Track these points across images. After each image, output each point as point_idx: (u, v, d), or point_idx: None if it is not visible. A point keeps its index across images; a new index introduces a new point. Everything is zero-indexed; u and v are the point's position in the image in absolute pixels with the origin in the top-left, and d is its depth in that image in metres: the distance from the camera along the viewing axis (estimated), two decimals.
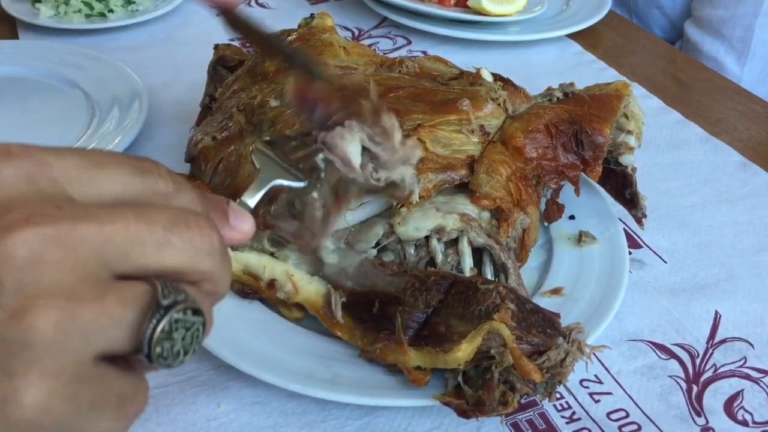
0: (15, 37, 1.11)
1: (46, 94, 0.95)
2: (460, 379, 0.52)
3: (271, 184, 0.42)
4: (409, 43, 1.14)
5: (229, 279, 0.34)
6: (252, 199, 0.40)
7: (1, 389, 0.28)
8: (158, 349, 0.30)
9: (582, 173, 0.68)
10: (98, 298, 0.29)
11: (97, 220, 0.29)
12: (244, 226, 0.36)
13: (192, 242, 0.31)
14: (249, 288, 0.62)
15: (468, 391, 0.52)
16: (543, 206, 0.70)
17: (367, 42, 1.13)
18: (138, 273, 0.31)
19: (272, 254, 0.62)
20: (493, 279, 0.59)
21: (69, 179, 0.31)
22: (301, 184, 0.44)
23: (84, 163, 0.31)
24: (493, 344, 0.51)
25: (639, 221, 0.74)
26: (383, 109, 0.45)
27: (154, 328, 0.30)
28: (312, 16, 0.85)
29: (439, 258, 0.59)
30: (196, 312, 0.31)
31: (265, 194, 0.41)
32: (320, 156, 0.45)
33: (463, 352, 0.51)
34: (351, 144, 0.44)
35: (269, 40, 0.54)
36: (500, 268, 0.59)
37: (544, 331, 0.52)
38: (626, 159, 0.72)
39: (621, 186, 0.74)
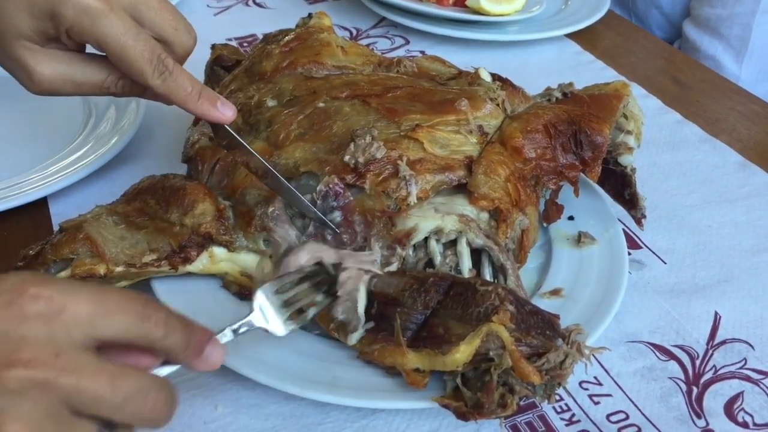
0: None
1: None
2: (458, 381, 0.52)
3: (257, 327, 0.52)
4: (408, 42, 1.14)
5: None
6: (240, 330, 0.51)
7: None
8: None
9: (581, 174, 0.68)
10: None
11: (77, 374, 0.38)
12: (213, 359, 0.45)
13: (141, 413, 0.40)
14: (247, 290, 0.62)
15: (467, 394, 0.51)
16: (542, 207, 0.70)
17: (365, 42, 1.12)
18: (93, 417, 0.39)
19: (270, 256, 0.61)
20: (491, 280, 0.59)
21: (76, 323, 0.39)
22: (280, 334, 0.54)
23: (93, 310, 0.39)
24: (492, 346, 0.50)
25: (638, 222, 0.73)
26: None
27: None
28: (310, 15, 0.85)
29: (438, 259, 0.59)
30: None
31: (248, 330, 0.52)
32: (312, 311, 0.55)
33: (462, 354, 0.51)
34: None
35: (263, 165, 0.60)
36: (499, 270, 0.59)
37: (543, 332, 0.52)
38: (625, 159, 0.72)
39: (620, 186, 0.73)
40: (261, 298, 0.53)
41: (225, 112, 0.58)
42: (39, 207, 0.76)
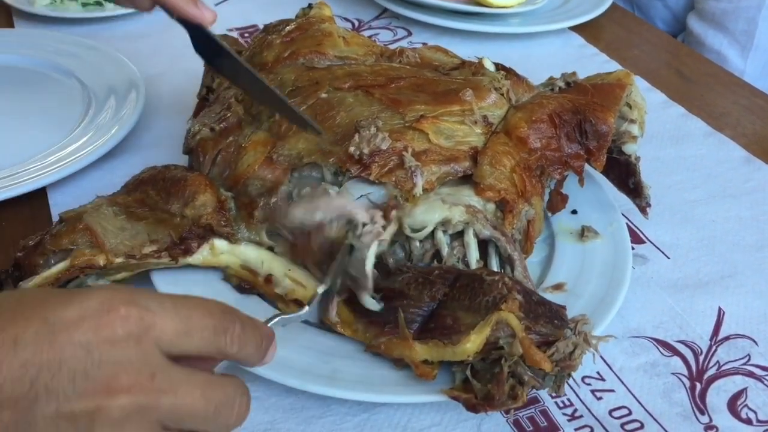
0: (11, 25, 1.09)
1: (41, 84, 0.94)
2: (468, 372, 0.52)
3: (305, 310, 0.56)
4: (410, 34, 1.13)
5: None
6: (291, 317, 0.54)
7: None
8: None
9: (586, 163, 0.67)
10: None
11: (174, 393, 0.38)
12: (269, 359, 0.45)
13: (229, 421, 0.41)
14: (247, 283, 0.61)
15: (477, 386, 0.51)
16: (546, 197, 0.69)
17: (367, 33, 1.12)
18: (181, 429, 0.40)
19: (271, 248, 0.61)
20: (499, 271, 0.58)
21: (162, 339, 0.39)
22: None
23: (178, 328, 0.39)
24: (502, 334, 0.50)
25: (643, 210, 0.73)
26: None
27: None
28: (310, 5, 0.84)
29: (445, 250, 0.58)
30: None
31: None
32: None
33: (472, 343, 0.50)
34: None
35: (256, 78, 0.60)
36: (506, 260, 0.58)
37: (551, 321, 0.51)
38: (629, 148, 0.71)
39: (624, 175, 0.73)
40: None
41: (205, 12, 0.59)
42: (38, 197, 0.76)
